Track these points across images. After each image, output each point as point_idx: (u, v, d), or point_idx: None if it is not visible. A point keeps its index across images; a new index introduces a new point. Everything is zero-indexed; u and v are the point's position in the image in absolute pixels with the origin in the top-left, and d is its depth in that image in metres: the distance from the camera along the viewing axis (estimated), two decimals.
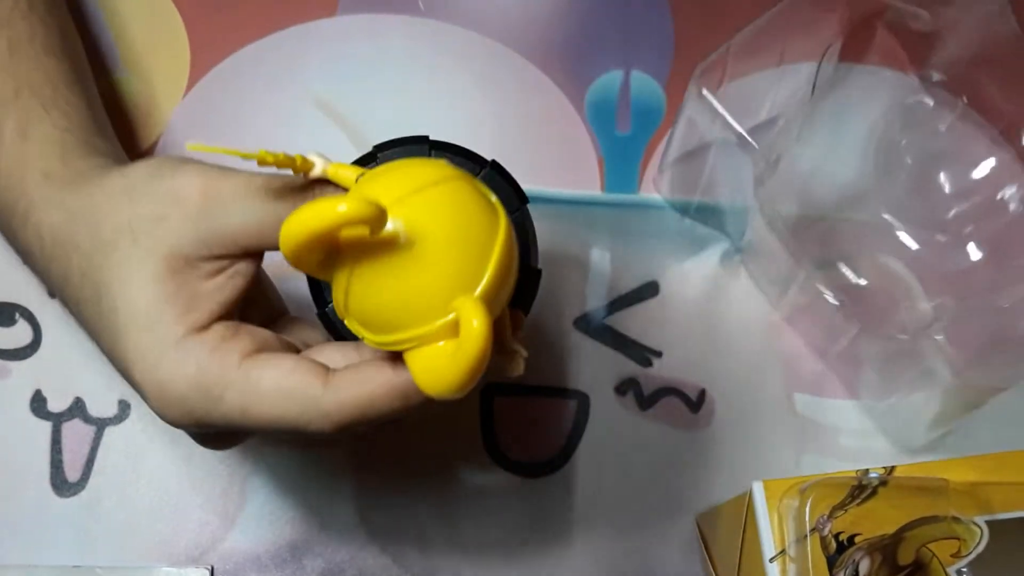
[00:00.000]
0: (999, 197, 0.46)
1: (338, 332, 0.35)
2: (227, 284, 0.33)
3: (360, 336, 0.31)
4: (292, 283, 0.39)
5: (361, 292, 0.29)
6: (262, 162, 0.30)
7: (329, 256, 0.29)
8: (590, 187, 0.51)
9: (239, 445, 0.42)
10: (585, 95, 0.53)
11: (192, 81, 0.52)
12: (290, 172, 0.31)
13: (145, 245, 0.32)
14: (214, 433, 0.35)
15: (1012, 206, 0.46)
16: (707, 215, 0.50)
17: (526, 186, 0.37)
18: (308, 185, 0.32)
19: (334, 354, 0.34)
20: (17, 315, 0.47)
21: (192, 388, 0.31)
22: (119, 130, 0.44)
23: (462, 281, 0.29)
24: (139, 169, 0.34)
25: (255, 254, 0.33)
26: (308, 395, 0.31)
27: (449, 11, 0.54)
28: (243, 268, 0.33)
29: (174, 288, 0.32)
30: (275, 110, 0.52)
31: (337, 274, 0.29)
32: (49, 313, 0.48)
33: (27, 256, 0.37)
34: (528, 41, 0.53)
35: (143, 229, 0.32)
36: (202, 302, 0.32)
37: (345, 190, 0.31)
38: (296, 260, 0.28)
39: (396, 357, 0.31)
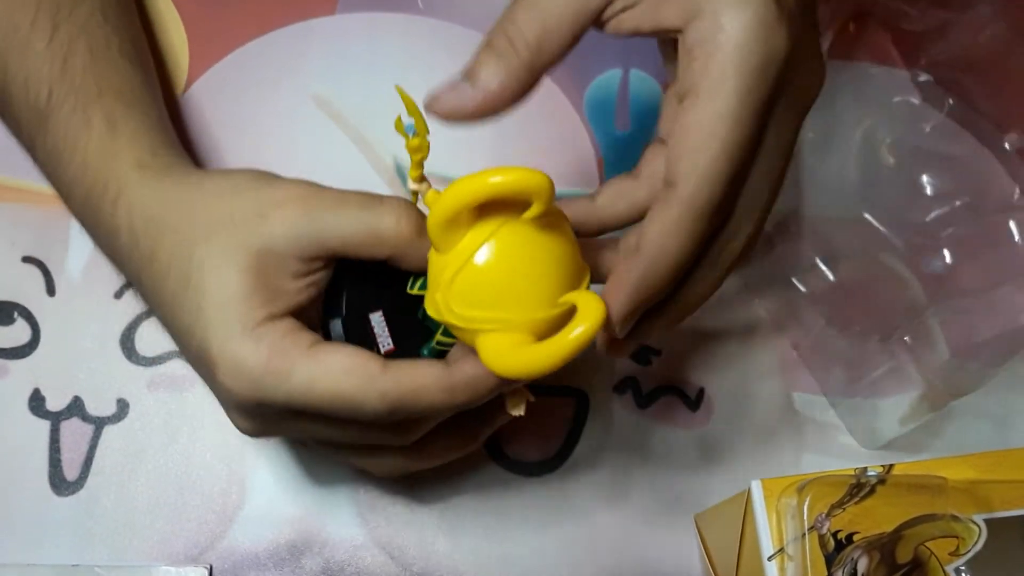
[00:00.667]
0: (979, 200, 0.46)
1: (354, 336, 0.36)
2: (305, 289, 0.36)
3: (439, 316, 0.33)
4: None
5: (486, 266, 0.32)
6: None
7: (459, 228, 0.32)
8: (589, 186, 0.51)
9: (239, 443, 0.43)
10: (584, 94, 0.53)
11: (191, 79, 0.52)
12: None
13: (242, 237, 0.35)
14: (260, 417, 0.37)
15: (991, 209, 0.46)
16: None
17: None
18: (395, 201, 0.36)
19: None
20: (16, 314, 0.47)
21: (264, 365, 0.34)
22: None
23: (570, 283, 0.33)
24: (243, 173, 0.38)
25: (330, 265, 0.36)
26: (368, 373, 0.34)
27: (448, 9, 0.54)
28: (321, 278, 0.36)
29: (261, 280, 0.35)
30: (274, 108, 0.52)
31: (460, 247, 0.32)
32: (48, 312, 0.48)
33: (110, 235, 0.39)
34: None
35: (244, 223, 0.35)
36: (281, 298, 0.35)
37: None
38: (444, 223, 0.32)
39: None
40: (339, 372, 0.34)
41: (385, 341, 0.37)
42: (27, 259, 0.48)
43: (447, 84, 0.33)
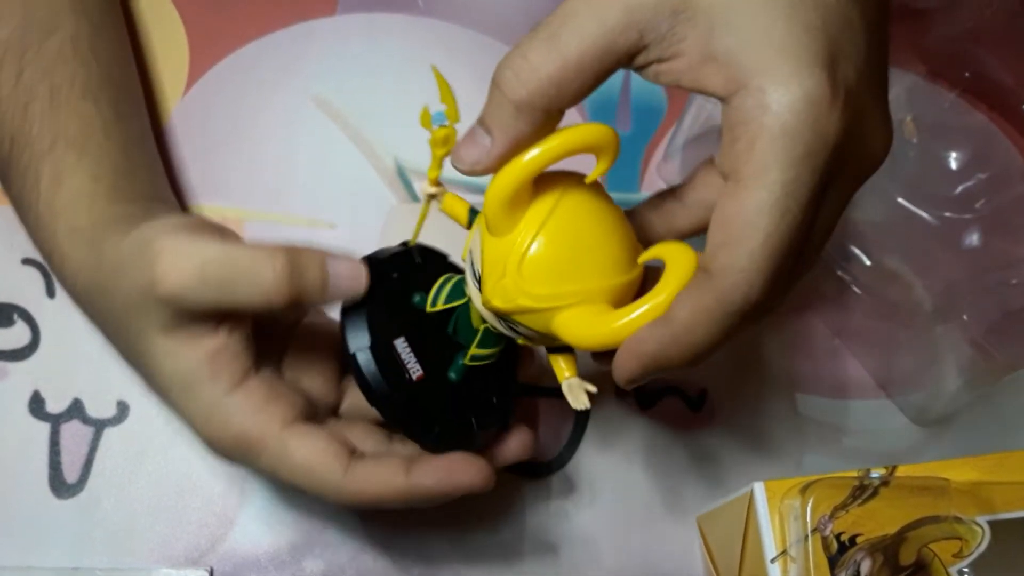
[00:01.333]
0: (1005, 172, 0.46)
1: (361, 373, 0.35)
2: (231, 339, 0.35)
3: (509, 303, 0.31)
4: None
5: (557, 238, 0.31)
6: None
7: (519, 206, 0.31)
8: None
9: None
10: None
11: (191, 80, 0.52)
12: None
13: (148, 321, 0.35)
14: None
15: (1018, 181, 0.46)
16: None
17: None
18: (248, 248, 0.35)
19: (364, 437, 0.38)
20: (15, 316, 0.47)
21: (235, 444, 0.35)
22: None
23: (634, 246, 0.32)
24: (132, 241, 0.36)
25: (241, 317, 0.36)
26: (329, 479, 0.34)
27: (448, 10, 0.54)
28: (242, 327, 0.36)
29: (191, 353, 0.35)
30: (274, 109, 0.52)
31: (523, 225, 0.31)
32: (48, 314, 0.47)
33: (68, 294, 0.40)
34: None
35: (140, 308, 0.35)
36: (223, 357, 0.35)
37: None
38: (505, 203, 0.30)
39: (411, 461, 0.35)
40: (302, 470, 0.35)
41: (414, 368, 0.36)
42: (27, 261, 0.48)
43: (467, 137, 0.31)
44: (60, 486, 0.45)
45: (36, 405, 0.46)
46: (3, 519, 0.44)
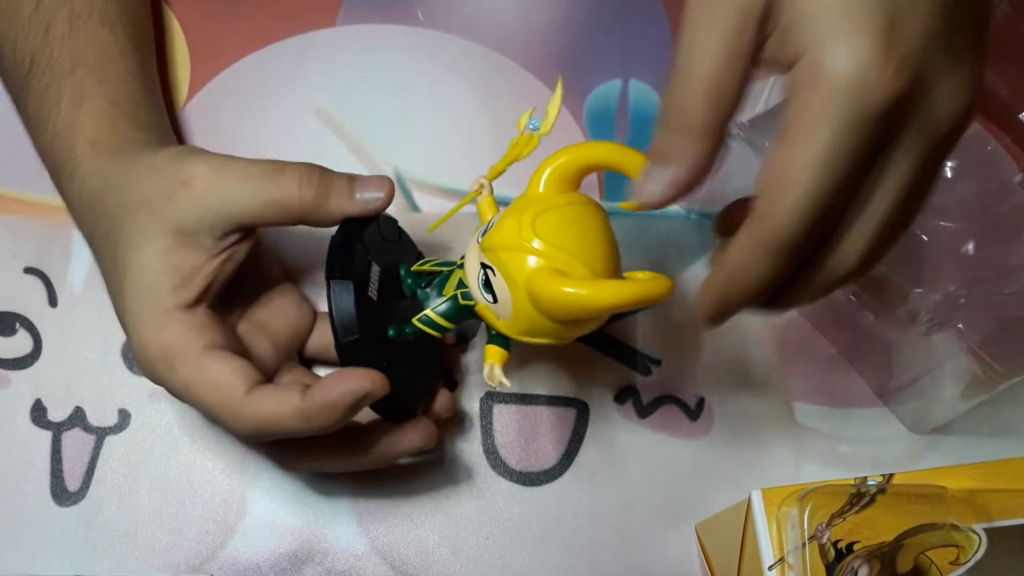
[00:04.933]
0: (1001, 180, 0.46)
1: (353, 359, 0.37)
2: (222, 266, 0.38)
3: (515, 240, 0.35)
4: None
5: (574, 214, 0.35)
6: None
7: (562, 183, 0.36)
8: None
9: (240, 454, 0.43)
10: (584, 104, 0.53)
11: (192, 91, 0.52)
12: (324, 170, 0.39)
13: (158, 219, 0.38)
14: (277, 447, 0.40)
15: (1014, 189, 0.46)
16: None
17: None
18: (297, 167, 0.38)
19: (307, 376, 0.43)
20: (17, 324, 0.48)
21: (160, 354, 0.37)
22: None
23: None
24: (166, 151, 0.40)
25: (249, 237, 0.39)
26: (231, 394, 0.36)
27: (448, 21, 0.54)
28: (237, 251, 0.39)
29: (176, 261, 0.37)
30: (275, 120, 0.52)
31: (557, 194, 0.36)
32: (50, 323, 0.48)
33: (68, 205, 0.42)
34: (527, 51, 0.54)
35: (157, 205, 0.38)
36: (197, 279, 0.38)
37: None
38: (560, 171, 0.36)
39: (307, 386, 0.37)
40: (209, 384, 0.37)
41: (374, 290, 0.38)
42: (29, 270, 0.48)
43: (643, 176, 0.31)
44: (62, 494, 0.45)
45: (38, 413, 0.46)
46: (5, 527, 0.45)
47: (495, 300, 0.36)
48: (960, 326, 0.42)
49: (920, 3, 0.28)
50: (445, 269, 0.40)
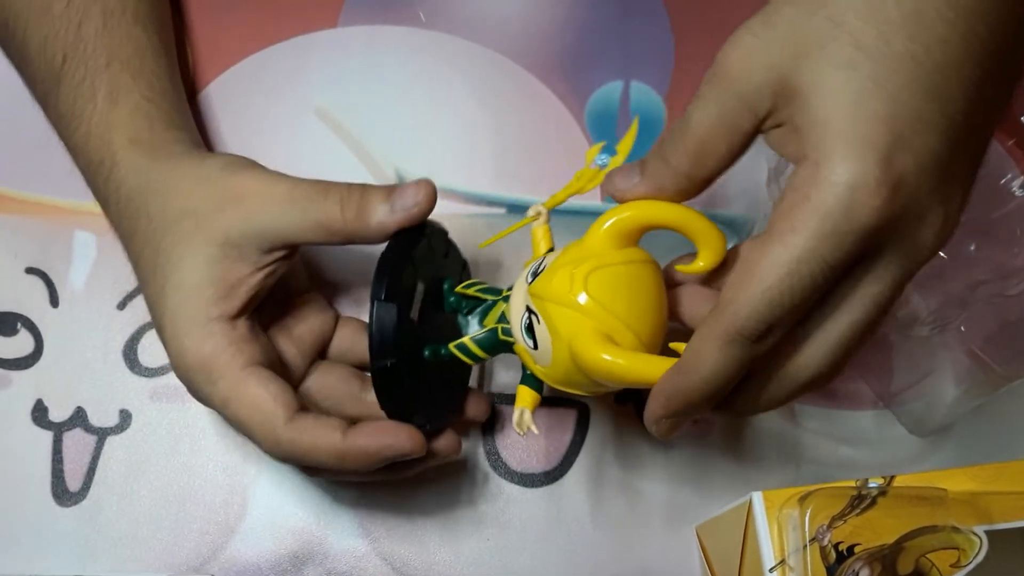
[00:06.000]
0: (1002, 183, 0.46)
1: (385, 382, 0.38)
2: (264, 280, 0.39)
3: (562, 294, 0.34)
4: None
5: (626, 274, 0.34)
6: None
7: (620, 239, 0.35)
8: (590, 197, 0.51)
9: (241, 455, 0.43)
10: (585, 106, 0.53)
11: (195, 91, 0.52)
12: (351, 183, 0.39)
13: (205, 230, 0.38)
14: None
15: (1015, 192, 0.46)
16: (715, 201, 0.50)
17: (527, 196, 0.38)
18: (339, 188, 0.39)
19: (341, 381, 0.43)
20: (19, 325, 0.48)
21: (200, 364, 0.37)
22: None
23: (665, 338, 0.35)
24: (215, 161, 0.40)
25: (293, 253, 0.39)
26: (271, 421, 0.37)
27: (450, 23, 0.54)
28: (280, 267, 0.39)
29: (221, 273, 0.38)
30: (276, 121, 0.52)
31: (613, 250, 0.34)
32: (51, 323, 0.48)
33: (103, 204, 0.42)
34: (528, 52, 0.54)
35: (207, 216, 0.38)
36: (241, 291, 0.38)
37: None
38: (622, 225, 0.34)
39: (350, 425, 0.37)
40: (251, 406, 0.37)
41: (416, 311, 0.38)
42: (30, 270, 0.48)
43: (623, 169, 0.35)
44: (63, 494, 0.45)
45: (39, 413, 0.46)
46: (6, 527, 0.45)
47: (536, 347, 0.35)
48: (961, 328, 0.42)
49: (925, 131, 0.29)
50: (490, 298, 0.40)
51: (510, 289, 0.38)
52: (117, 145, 0.41)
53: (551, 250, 0.39)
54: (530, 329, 0.35)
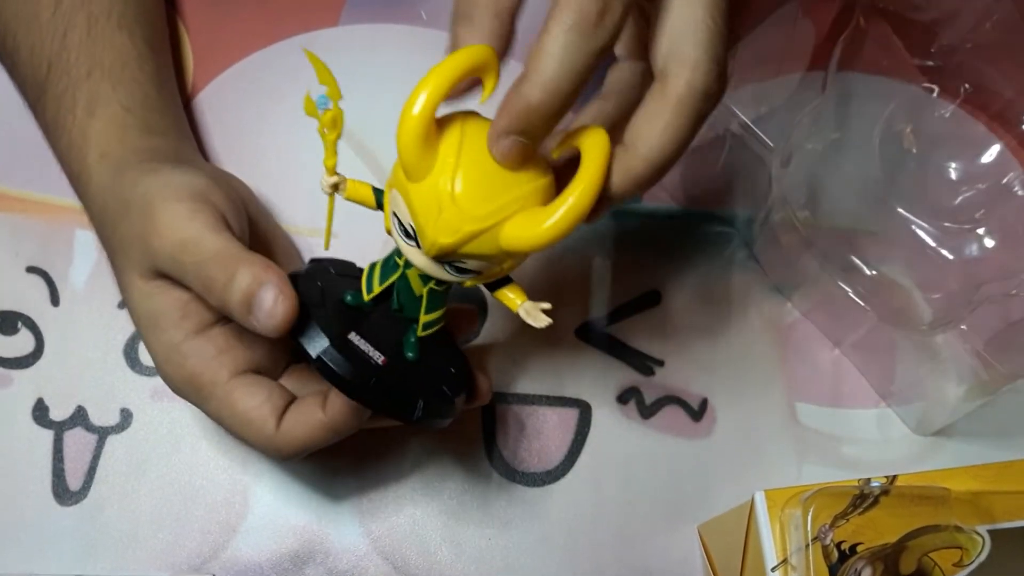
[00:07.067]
0: (1005, 182, 0.46)
1: (334, 371, 0.35)
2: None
3: (456, 235, 0.32)
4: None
5: (478, 158, 0.32)
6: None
7: (430, 144, 0.32)
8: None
9: (242, 454, 0.43)
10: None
11: (195, 91, 0.52)
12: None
13: (137, 259, 0.38)
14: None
15: (1018, 191, 0.46)
16: (718, 203, 0.50)
17: None
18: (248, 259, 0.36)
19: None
20: (19, 324, 0.48)
21: (188, 384, 0.38)
22: None
23: (543, 157, 0.33)
24: (156, 184, 0.39)
25: None
26: (264, 432, 0.37)
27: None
28: None
29: (166, 299, 0.38)
30: (277, 119, 0.52)
31: (442, 157, 0.32)
32: (52, 322, 0.48)
33: (87, 211, 0.42)
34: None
35: (127, 246, 0.38)
36: (192, 307, 0.38)
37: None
38: (418, 144, 0.32)
39: (326, 397, 0.37)
40: (242, 421, 0.37)
41: (376, 356, 0.36)
42: (31, 269, 0.48)
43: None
44: (63, 493, 0.45)
45: (40, 412, 0.46)
46: (7, 526, 0.45)
47: (477, 272, 0.34)
48: (964, 327, 0.42)
49: (725, 39, 0.31)
50: (394, 278, 0.37)
51: (392, 258, 0.37)
52: (91, 159, 0.41)
53: (376, 190, 0.37)
54: (459, 269, 0.34)
